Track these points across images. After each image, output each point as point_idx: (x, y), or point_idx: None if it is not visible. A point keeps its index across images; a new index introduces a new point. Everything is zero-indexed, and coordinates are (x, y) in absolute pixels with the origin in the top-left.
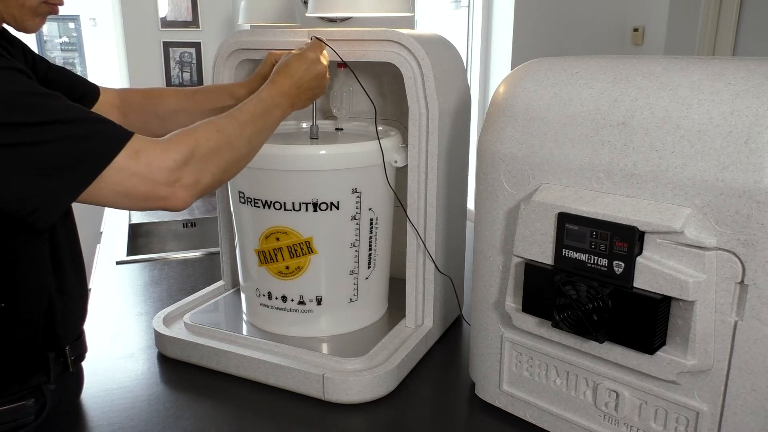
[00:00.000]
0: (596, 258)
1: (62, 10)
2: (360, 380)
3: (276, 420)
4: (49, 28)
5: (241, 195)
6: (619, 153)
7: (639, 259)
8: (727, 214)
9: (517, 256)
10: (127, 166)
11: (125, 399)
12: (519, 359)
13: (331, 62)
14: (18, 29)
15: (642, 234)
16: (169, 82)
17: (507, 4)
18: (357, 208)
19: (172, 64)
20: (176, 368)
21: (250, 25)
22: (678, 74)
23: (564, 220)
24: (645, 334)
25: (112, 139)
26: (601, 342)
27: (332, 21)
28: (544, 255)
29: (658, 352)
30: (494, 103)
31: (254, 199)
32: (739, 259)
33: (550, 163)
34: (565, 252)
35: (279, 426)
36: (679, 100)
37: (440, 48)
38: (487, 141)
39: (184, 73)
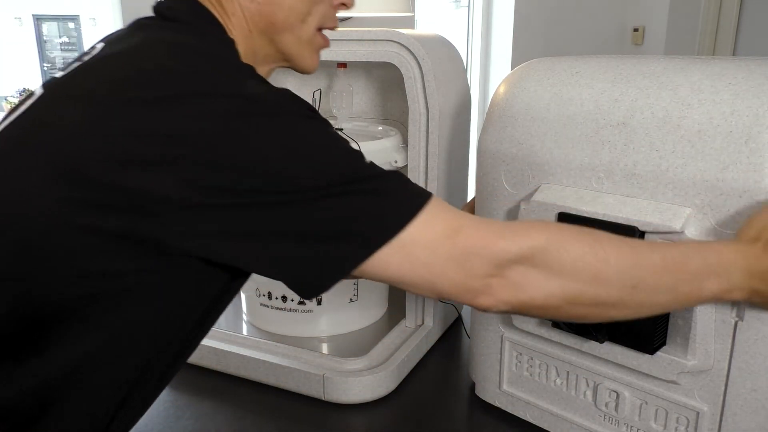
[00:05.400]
0: None
1: (62, 11)
2: (360, 380)
3: (276, 420)
4: (48, 28)
5: None
6: (619, 153)
7: None
8: (728, 214)
9: None
10: (435, 242)
11: None
12: (519, 359)
13: (330, 62)
14: (295, 69)
15: (642, 234)
16: None
17: (507, 4)
18: None
19: None
20: None
21: None
22: (678, 74)
23: (564, 220)
24: (645, 334)
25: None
26: (601, 342)
27: None
28: None
29: (659, 352)
30: (494, 103)
31: None
32: None
33: (550, 163)
34: None
35: (279, 426)
36: (679, 100)
37: (440, 48)
38: (487, 141)
39: None
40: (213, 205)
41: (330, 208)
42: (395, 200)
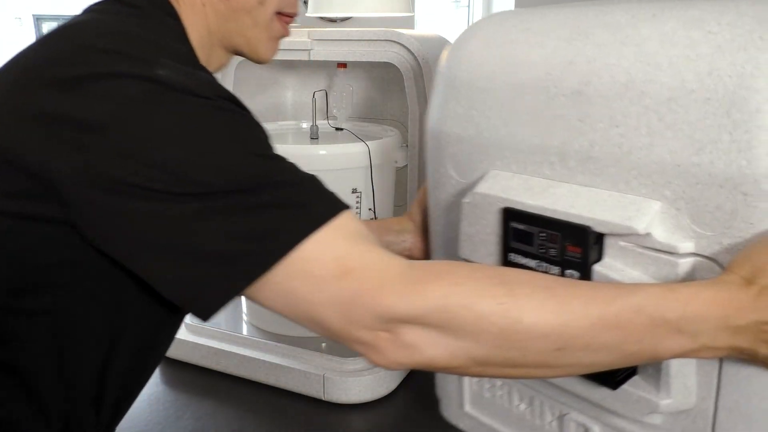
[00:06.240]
0: (547, 266)
1: (63, 11)
2: (360, 380)
3: (276, 420)
4: (48, 28)
5: None
6: (573, 130)
7: (596, 267)
8: (706, 210)
9: (465, 260)
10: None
11: None
12: (480, 377)
13: (330, 62)
14: (251, 57)
15: (600, 236)
16: None
17: (507, 4)
18: (357, 208)
19: None
20: (176, 368)
21: None
22: (647, 23)
23: (509, 217)
24: None
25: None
26: None
27: (332, 21)
28: (492, 258)
29: (625, 386)
30: (438, 73)
31: None
32: (724, 268)
33: (496, 145)
34: (512, 257)
35: (279, 426)
36: (645, 58)
37: (440, 48)
38: (430, 119)
39: None
40: (108, 197)
41: (217, 223)
42: (290, 218)
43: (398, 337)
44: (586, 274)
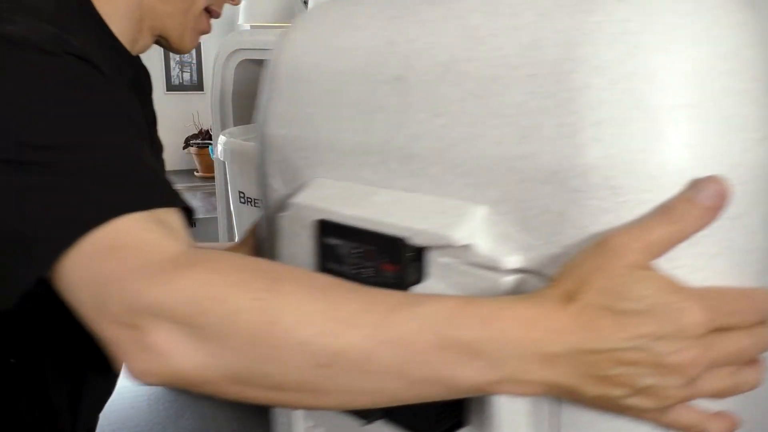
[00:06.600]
0: None
1: None
2: None
3: None
4: None
5: (242, 195)
6: (394, 124)
7: (416, 289)
8: (533, 213)
9: None
10: (89, 255)
11: (125, 399)
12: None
13: None
14: (175, 44)
15: (420, 251)
16: (169, 82)
17: None
18: None
19: (172, 64)
20: None
21: (250, 26)
22: None
23: (324, 231)
24: (425, 411)
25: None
26: (370, 421)
27: None
28: None
29: None
30: (266, 69)
31: (254, 200)
32: None
33: (318, 148)
34: None
35: None
36: (467, 33)
37: None
38: (258, 123)
39: (184, 73)
40: None
41: (21, 200)
42: (95, 201)
43: (144, 336)
44: None
